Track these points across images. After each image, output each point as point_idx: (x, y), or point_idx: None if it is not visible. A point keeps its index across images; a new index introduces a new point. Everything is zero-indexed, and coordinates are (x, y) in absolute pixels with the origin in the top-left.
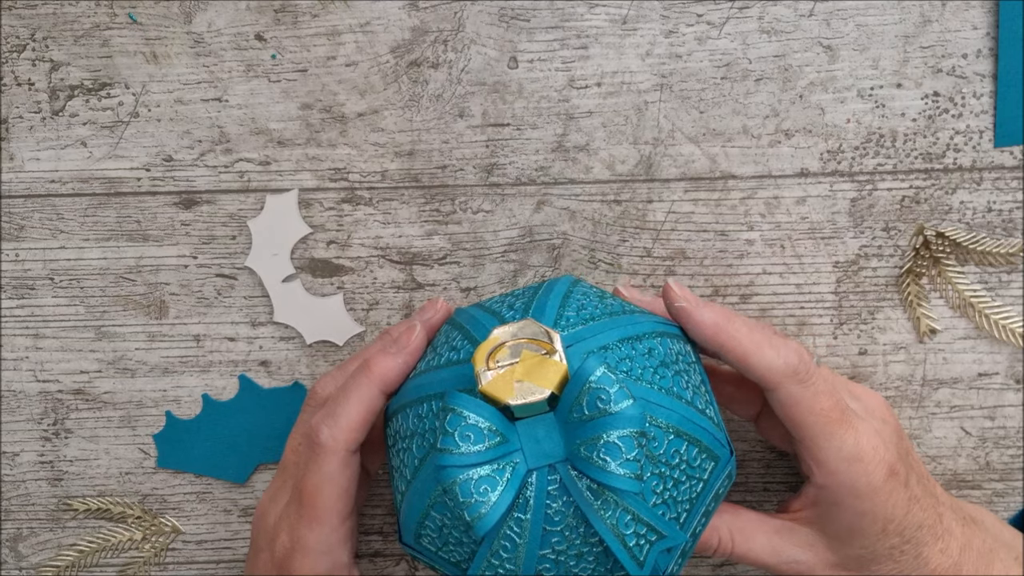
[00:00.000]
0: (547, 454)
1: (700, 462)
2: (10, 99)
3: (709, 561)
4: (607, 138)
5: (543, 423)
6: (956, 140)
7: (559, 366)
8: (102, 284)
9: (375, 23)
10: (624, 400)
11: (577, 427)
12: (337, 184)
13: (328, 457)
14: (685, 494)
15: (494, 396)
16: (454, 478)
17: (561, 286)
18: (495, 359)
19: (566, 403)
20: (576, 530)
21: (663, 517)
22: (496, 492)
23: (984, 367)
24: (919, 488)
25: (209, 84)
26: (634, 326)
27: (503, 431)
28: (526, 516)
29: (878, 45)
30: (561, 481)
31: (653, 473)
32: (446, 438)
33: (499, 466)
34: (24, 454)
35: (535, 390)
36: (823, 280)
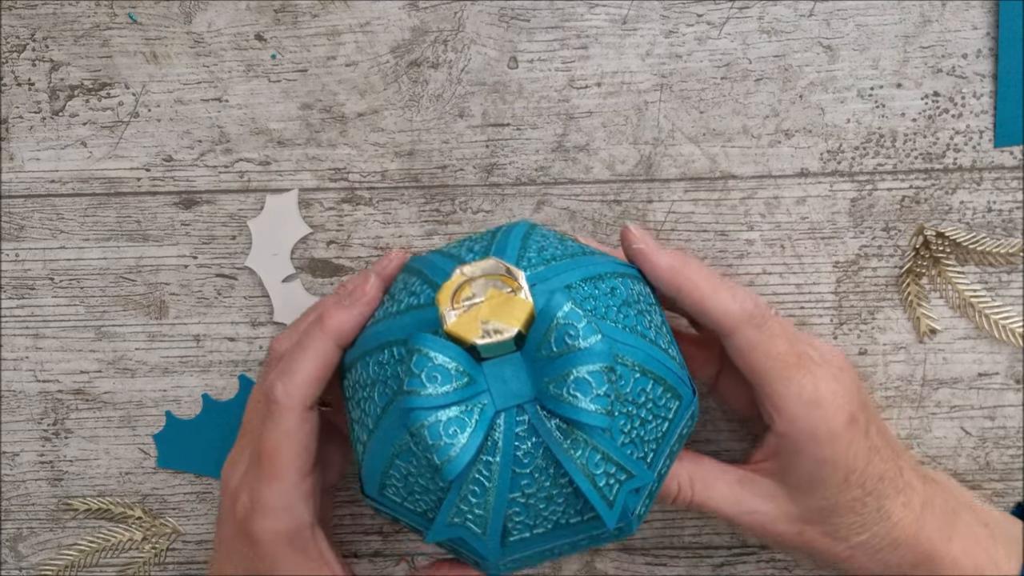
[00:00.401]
0: (515, 394)
1: (665, 401)
2: (10, 99)
3: (709, 561)
4: (607, 138)
5: (510, 363)
6: (956, 140)
7: (525, 304)
8: (102, 284)
9: (375, 23)
10: (592, 335)
11: (545, 365)
12: (337, 184)
13: (284, 414)
14: (652, 433)
15: (460, 336)
16: (422, 420)
17: (520, 228)
18: (459, 299)
19: (533, 341)
20: (546, 471)
21: (631, 456)
22: (465, 434)
23: (984, 367)
24: (879, 439)
25: (209, 84)
26: (595, 266)
27: (470, 372)
28: (495, 459)
29: (878, 45)
30: (530, 422)
31: (621, 412)
32: (412, 379)
33: (467, 407)
34: (24, 454)
35: (502, 328)
36: (823, 280)
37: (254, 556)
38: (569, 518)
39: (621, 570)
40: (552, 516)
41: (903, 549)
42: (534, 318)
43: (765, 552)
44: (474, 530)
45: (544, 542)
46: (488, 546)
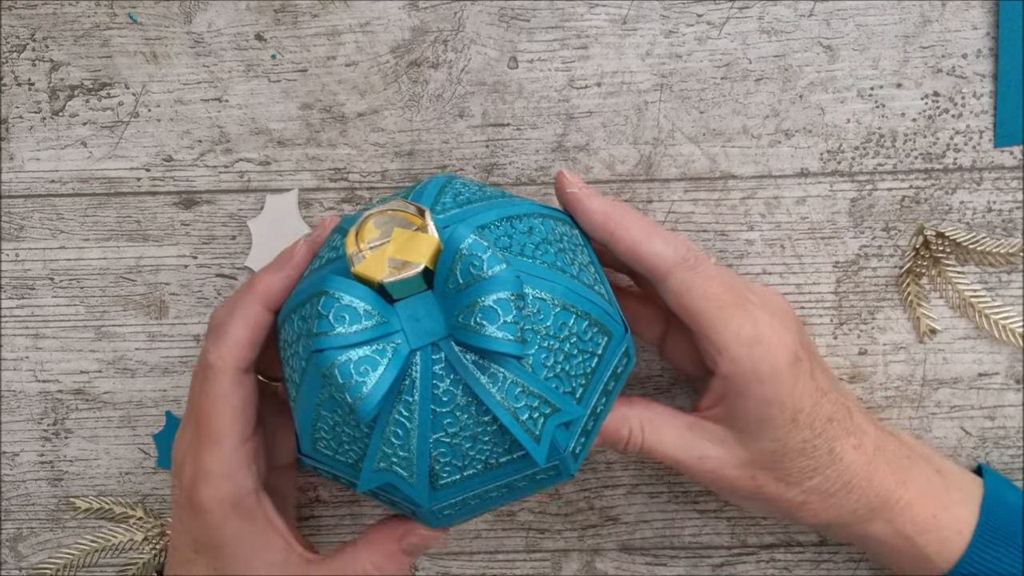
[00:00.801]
0: (429, 332)
1: (592, 335)
2: (10, 99)
3: (709, 561)
4: (607, 138)
5: (422, 302)
6: (956, 140)
7: (431, 239)
8: (102, 284)
9: (375, 23)
10: (497, 264)
11: (454, 298)
12: (337, 184)
13: (217, 377)
14: (578, 368)
15: (367, 275)
16: (332, 360)
17: (439, 179)
18: (365, 241)
19: (441, 276)
20: (467, 410)
21: (556, 390)
22: (377, 372)
23: (984, 367)
24: (825, 381)
25: (209, 84)
26: (514, 207)
27: (382, 312)
28: (413, 398)
29: (878, 45)
30: (446, 359)
31: (541, 346)
32: (321, 321)
33: (379, 347)
34: (24, 454)
35: (408, 264)
36: (823, 280)
37: (201, 526)
38: (499, 457)
39: (621, 570)
40: (480, 456)
41: (856, 492)
42: (440, 252)
43: (765, 552)
44: (401, 474)
45: (476, 484)
46: (418, 491)
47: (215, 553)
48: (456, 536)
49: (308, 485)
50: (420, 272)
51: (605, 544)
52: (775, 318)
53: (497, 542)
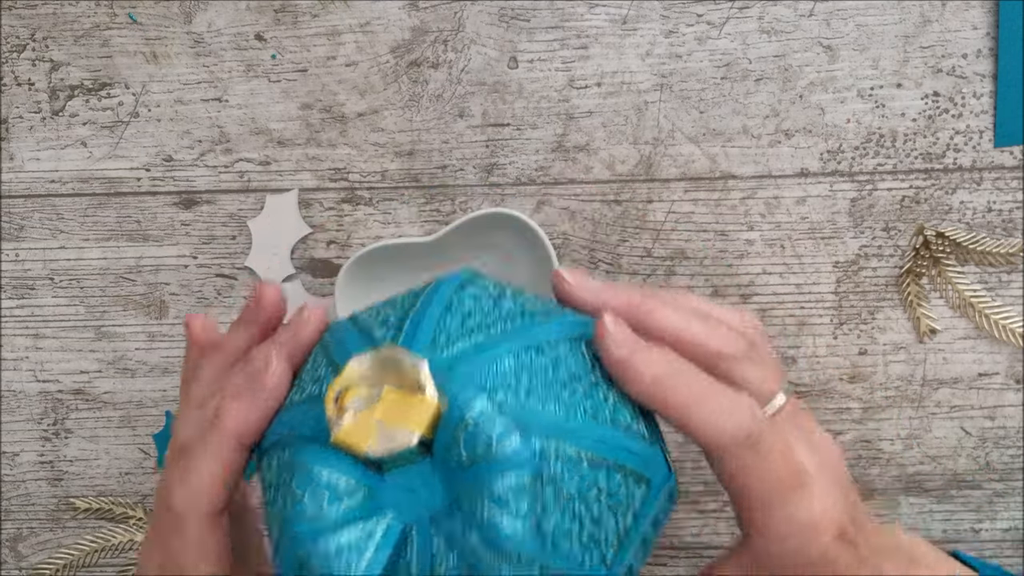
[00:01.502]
0: (426, 504)
1: (626, 489)
2: (10, 99)
3: (709, 561)
4: (607, 138)
5: (418, 472)
6: (956, 140)
7: (428, 403)
8: (102, 284)
9: (375, 23)
10: (511, 437)
11: (457, 472)
12: (337, 184)
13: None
14: (609, 530)
15: (350, 446)
16: (307, 549)
17: (446, 289)
18: (345, 403)
19: (443, 444)
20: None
21: (583, 565)
22: (364, 561)
23: (984, 367)
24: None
25: (209, 84)
26: (536, 334)
27: (369, 484)
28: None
29: (878, 45)
30: (447, 537)
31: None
32: (296, 504)
33: (365, 527)
34: (24, 454)
35: (399, 435)
36: (823, 280)
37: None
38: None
39: None
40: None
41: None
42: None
43: None
44: None
45: None
46: None
47: None
48: None
49: None
50: (414, 445)
51: None
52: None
53: None
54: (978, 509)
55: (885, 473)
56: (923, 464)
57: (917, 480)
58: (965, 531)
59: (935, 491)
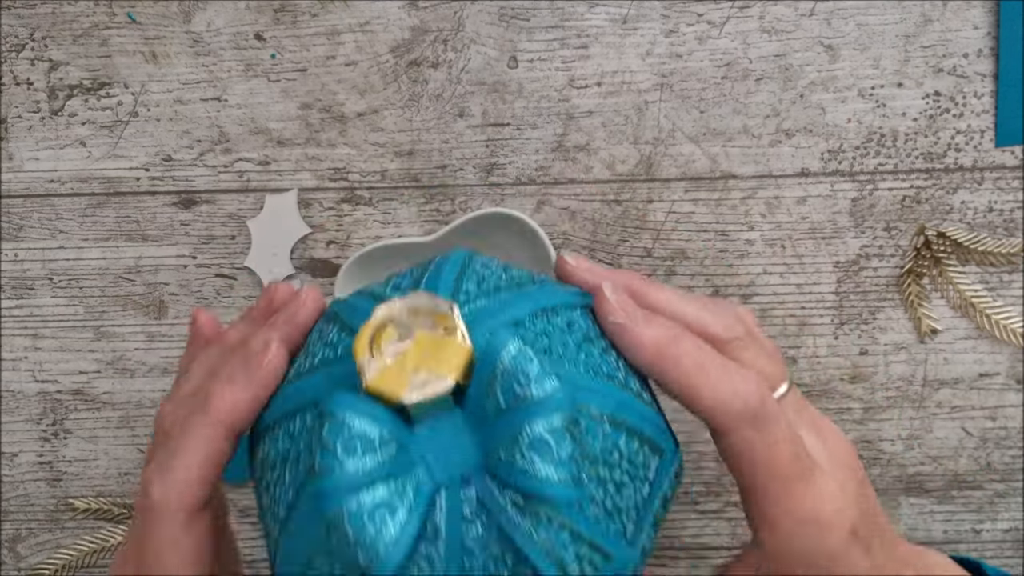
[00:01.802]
0: (457, 463)
1: (643, 458)
2: (9, 99)
3: (709, 562)
4: (607, 138)
5: (450, 424)
6: (957, 140)
7: (462, 347)
8: (101, 284)
9: (375, 23)
10: (548, 380)
11: (492, 423)
12: (337, 184)
13: (163, 522)
14: (630, 500)
15: (383, 392)
16: (339, 507)
17: (456, 258)
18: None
19: (476, 393)
20: (501, 561)
21: (608, 532)
22: (397, 521)
23: (985, 367)
24: (882, 555)
25: (208, 84)
26: (548, 297)
27: (399, 438)
28: (436, 549)
29: (879, 44)
30: (478, 498)
31: (590, 477)
32: (326, 454)
33: (397, 485)
34: (23, 454)
35: (434, 379)
36: (824, 280)
37: None
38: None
39: None
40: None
41: None
42: (474, 364)
43: None
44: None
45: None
46: None
47: None
48: None
49: None
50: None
51: None
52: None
53: None
54: (979, 510)
55: (886, 474)
56: (924, 464)
57: (918, 481)
58: (966, 532)
59: (936, 492)
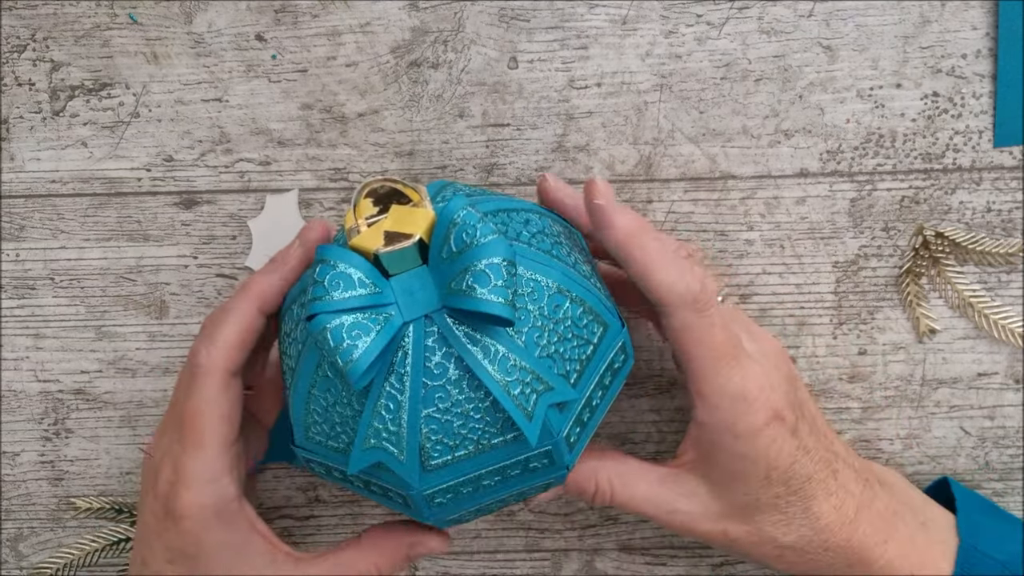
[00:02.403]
0: (422, 305)
1: (587, 323)
2: (10, 99)
3: (708, 561)
4: (607, 138)
5: (417, 276)
6: (955, 140)
7: (426, 212)
8: (102, 284)
9: (375, 23)
10: (489, 233)
11: (447, 267)
12: (337, 184)
13: (206, 379)
14: (572, 353)
15: (363, 247)
16: (324, 324)
17: (439, 181)
18: (363, 216)
19: (436, 248)
20: (459, 384)
21: (549, 369)
22: (368, 337)
23: (983, 367)
24: (811, 439)
25: (209, 84)
26: (512, 203)
27: (376, 284)
28: (405, 370)
29: (877, 45)
30: (439, 331)
31: (535, 325)
32: (316, 287)
33: (372, 315)
34: (24, 454)
35: (403, 236)
36: (823, 280)
37: (178, 534)
38: (490, 438)
39: (621, 570)
40: (472, 436)
41: (833, 551)
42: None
43: None
44: (391, 451)
45: (468, 468)
46: (408, 469)
47: (193, 564)
48: (456, 536)
49: (308, 485)
50: (415, 244)
51: (605, 544)
52: (765, 375)
53: (497, 542)
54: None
55: None
56: (922, 464)
57: (917, 480)
58: None
59: None
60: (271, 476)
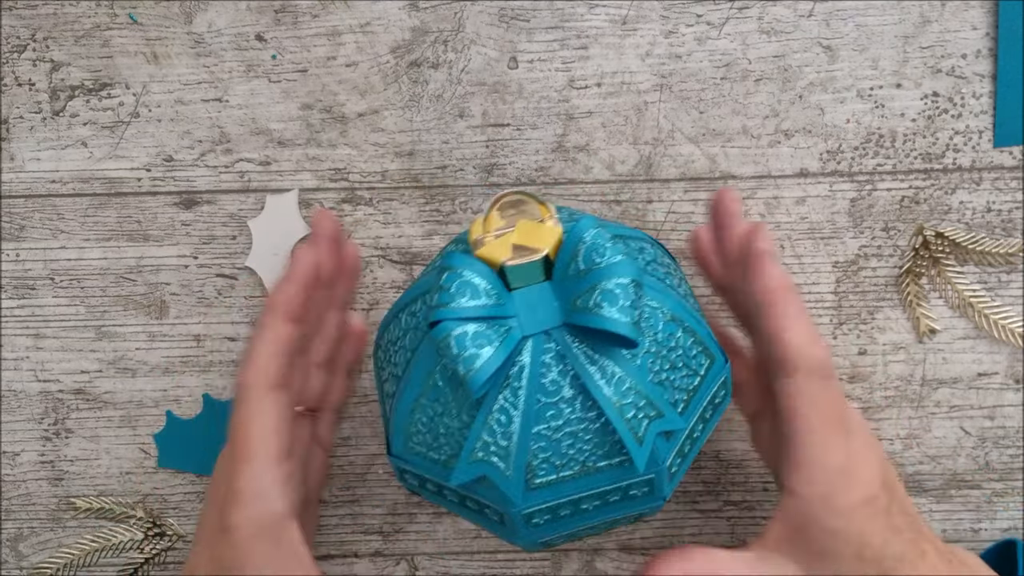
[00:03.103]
0: (542, 321)
1: (696, 354)
2: (11, 99)
3: None
4: (607, 138)
5: (539, 292)
6: (955, 140)
7: (554, 229)
8: (102, 284)
9: (375, 23)
10: (619, 254)
11: (573, 284)
12: (337, 184)
13: (249, 393)
14: (682, 382)
15: (489, 258)
16: (449, 331)
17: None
18: (491, 229)
19: (561, 265)
20: (572, 403)
21: (661, 396)
22: (491, 347)
23: (984, 367)
24: (901, 519)
25: (209, 84)
26: (626, 229)
27: (499, 295)
28: (520, 383)
29: (877, 45)
30: (557, 349)
31: (649, 351)
32: (442, 294)
33: (493, 326)
34: (25, 454)
35: (530, 251)
36: (823, 280)
37: (224, 545)
38: (597, 460)
39: (621, 570)
40: (579, 456)
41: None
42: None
43: None
44: (498, 465)
45: (571, 489)
46: (513, 485)
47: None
48: (456, 535)
49: None
50: (541, 259)
51: (605, 544)
52: (867, 451)
53: (497, 542)
54: (977, 509)
55: None
56: (922, 464)
57: (917, 480)
58: (965, 531)
59: (934, 491)
60: None
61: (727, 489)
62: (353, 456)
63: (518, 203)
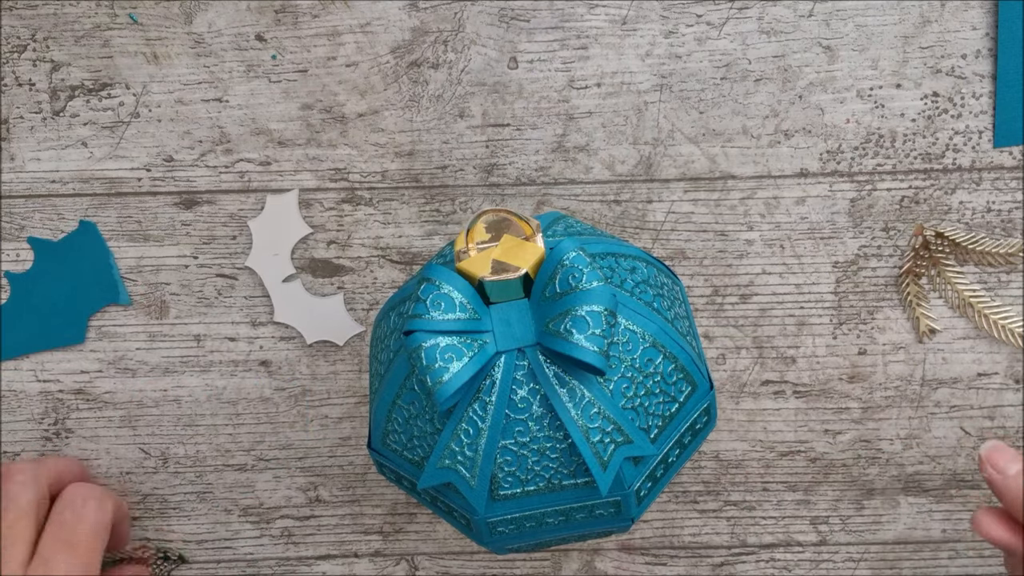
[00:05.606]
0: (518, 338)
1: (676, 380)
2: (11, 99)
3: (709, 561)
4: (607, 138)
5: (517, 309)
6: (955, 140)
7: (536, 248)
8: None
9: (375, 23)
10: (595, 280)
11: (548, 306)
12: (337, 184)
13: None
14: (657, 408)
15: (469, 272)
16: (420, 343)
17: (553, 213)
18: (474, 241)
19: (540, 285)
20: (540, 421)
21: (632, 422)
22: (460, 362)
23: (983, 367)
24: None
25: (209, 84)
26: (622, 247)
27: (476, 309)
28: (490, 398)
29: (877, 45)
30: (529, 367)
31: (624, 376)
32: (418, 305)
33: (467, 341)
34: (25, 454)
35: (510, 268)
36: (823, 280)
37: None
38: (562, 479)
39: (621, 570)
40: (544, 473)
41: None
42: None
43: (765, 552)
44: (464, 474)
45: (535, 503)
46: (477, 495)
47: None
48: (456, 535)
49: (308, 485)
50: (520, 277)
51: (605, 544)
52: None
53: None
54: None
55: (884, 473)
56: (922, 464)
57: (916, 480)
58: (964, 531)
59: (934, 491)
60: (271, 476)
61: (727, 489)
62: (353, 456)
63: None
